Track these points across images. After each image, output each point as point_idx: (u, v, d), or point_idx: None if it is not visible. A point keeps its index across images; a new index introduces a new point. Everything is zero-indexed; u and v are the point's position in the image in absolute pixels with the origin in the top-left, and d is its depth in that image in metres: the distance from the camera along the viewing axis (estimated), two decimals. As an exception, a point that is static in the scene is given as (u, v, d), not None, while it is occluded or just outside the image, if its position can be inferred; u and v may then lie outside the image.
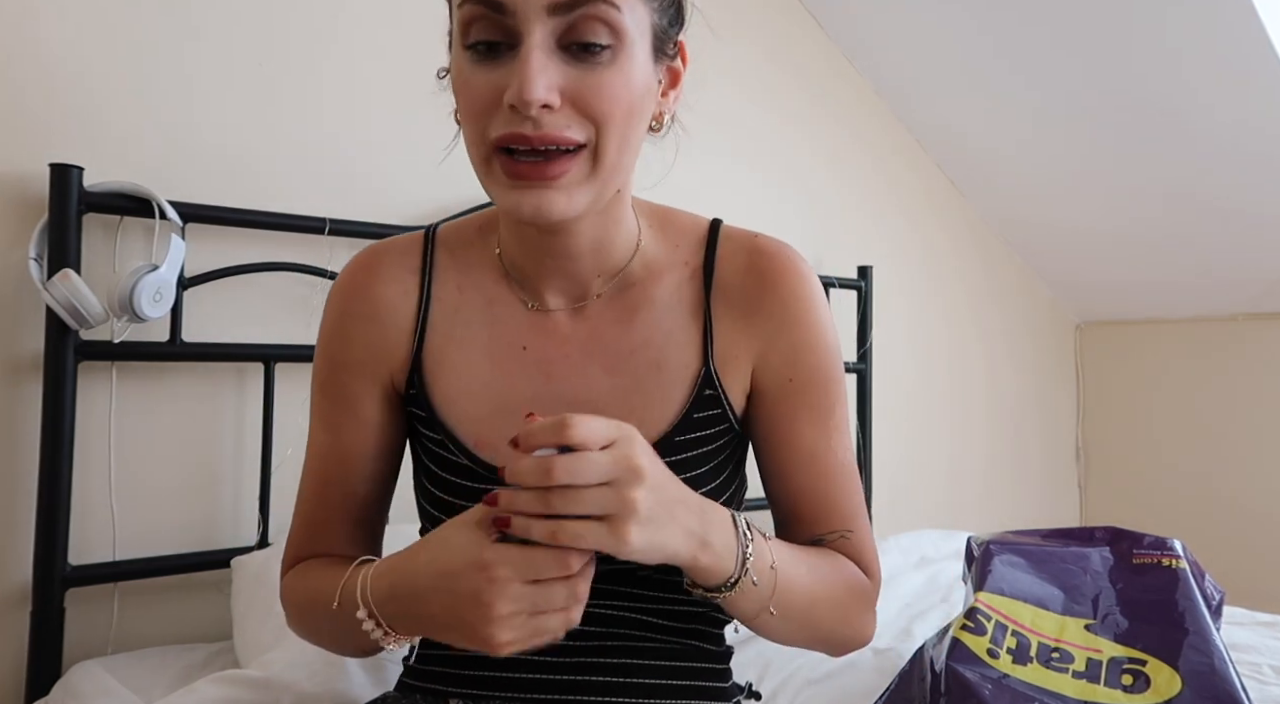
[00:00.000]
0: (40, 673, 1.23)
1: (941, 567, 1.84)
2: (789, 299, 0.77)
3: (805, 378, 0.77)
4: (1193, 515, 2.80)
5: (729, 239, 0.81)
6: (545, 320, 0.77)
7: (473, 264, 0.80)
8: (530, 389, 0.75)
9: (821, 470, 0.78)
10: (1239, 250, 2.53)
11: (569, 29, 0.64)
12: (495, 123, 0.65)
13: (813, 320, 0.78)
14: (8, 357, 1.28)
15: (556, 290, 0.77)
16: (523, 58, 0.63)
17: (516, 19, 0.63)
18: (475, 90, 0.66)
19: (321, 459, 0.81)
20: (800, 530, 0.79)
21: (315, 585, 0.75)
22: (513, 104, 0.63)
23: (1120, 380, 3.04)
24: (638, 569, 0.76)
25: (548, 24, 0.63)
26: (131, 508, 1.36)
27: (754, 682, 0.89)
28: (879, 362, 2.38)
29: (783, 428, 0.78)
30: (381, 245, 0.83)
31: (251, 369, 1.46)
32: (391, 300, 0.79)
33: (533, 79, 0.62)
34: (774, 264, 0.78)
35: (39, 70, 1.31)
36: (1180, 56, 2.08)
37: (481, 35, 0.65)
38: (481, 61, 0.65)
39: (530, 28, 0.63)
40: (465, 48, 0.66)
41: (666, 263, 0.79)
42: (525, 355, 0.77)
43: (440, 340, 0.78)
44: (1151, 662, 0.92)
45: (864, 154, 2.51)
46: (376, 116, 1.62)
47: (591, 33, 0.64)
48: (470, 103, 0.66)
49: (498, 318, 0.78)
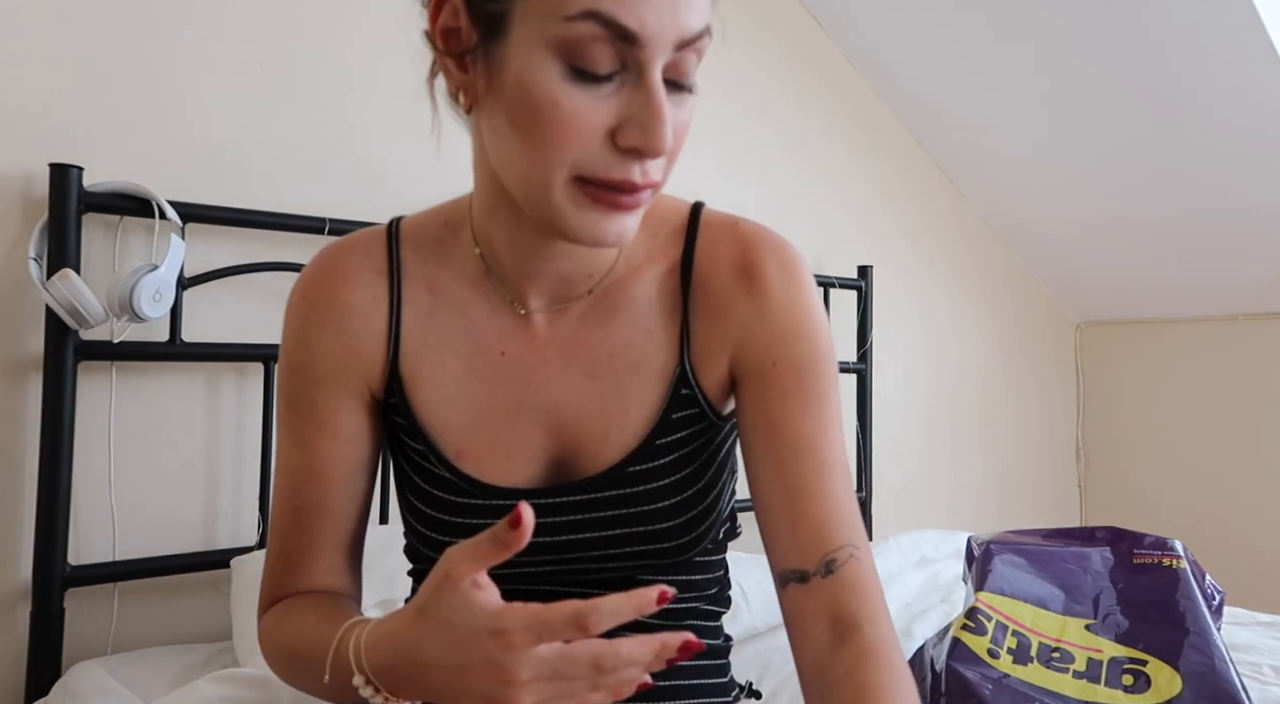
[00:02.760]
0: (40, 673, 1.23)
1: (941, 567, 1.84)
2: (769, 284, 0.73)
3: (791, 363, 0.72)
4: (1193, 515, 2.80)
5: (709, 226, 0.76)
6: (524, 324, 0.74)
7: (444, 264, 0.75)
8: (510, 396, 0.73)
9: (818, 463, 0.71)
10: (1239, 250, 2.53)
11: (672, 65, 0.60)
12: (589, 156, 0.59)
13: (796, 303, 0.73)
14: (8, 357, 1.28)
15: (542, 291, 0.73)
16: (652, 100, 0.58)
17: (645, 52, 0.57)
18: (574, 119, 0.58)
19: (294, 480, 0.75)
20: (798, 535, 0.69)
21: (299, 640, 0.69)
22: (639, 149, 0.59)
23: (1120, 380, 3.04)
24: (635, 575, 0.75)
25: (667, 59, 0.59)
26: (131, 508, 1.36)
27: (754, 681, 0.89)
28: (879, 362, 2.38)
29: (773, 416, 0.72)
30: (341, 246, 0.77)
31: (251, 369, 1.46)
32: (360, 306, 0.74)
33: (667, 128, 0.58)
34: (755, 251, 0.74)
35: (39, 70, 1.31)
36: (1181, 57, 2.08)
37: (595, 62, 0.58)
38: (585, 86, 0.58)
39: (655, 63, 0.58)
40: (563, 63, 0.58)
41: (645, 255, 0.75)
42: (504, 361, 0.73)
43: (415, 346, 0.74)
44: (1152, 662, 0.92)
45: (864, 154, 2.51)
46: (377, 116, 1.62)
47: (690, 69, 0.61)
48: (565, 130, 0.59)
49: (474, 322, 0.74)
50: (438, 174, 1.68)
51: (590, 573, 0.74)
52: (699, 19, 0.59)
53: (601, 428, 0.72)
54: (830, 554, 0.68)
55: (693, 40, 0.59)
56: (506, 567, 0.72)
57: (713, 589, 0.80)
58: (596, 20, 0.56)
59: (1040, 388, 3.01)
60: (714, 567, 0.80)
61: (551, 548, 0.72)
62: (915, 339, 2.62)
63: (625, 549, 0.72)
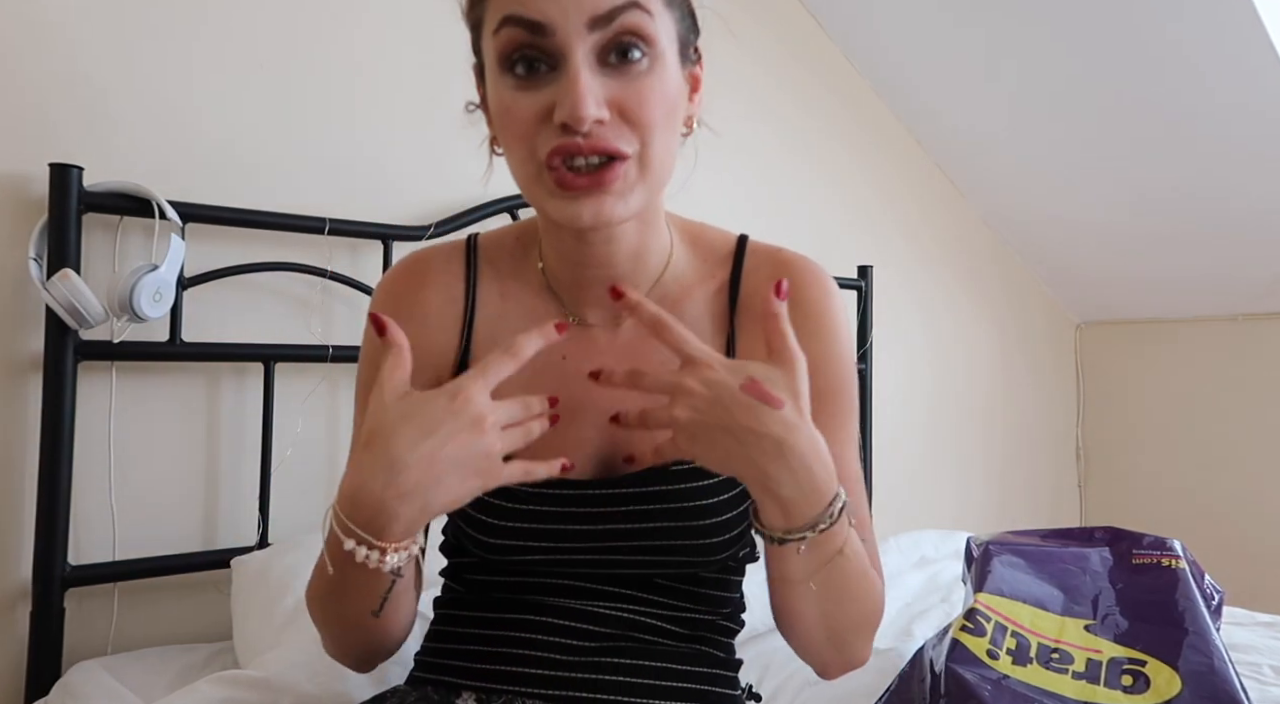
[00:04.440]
0: (40, 673, 1.23)
1: (941, 567, 1.84)
2: (810, 312, 0.79)
3: (823, 388, 0.77)
4: (1193, 515, 2.80)
5: (754, 254, 0.83)
6: (584, 333, 0.79)
7: (513, 275, 0.82)
8: (568, 397, 0.76)
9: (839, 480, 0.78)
10: (1239, 250, 2.53)
11: (607, 42, 0.66)
12: (543, 140, 0.66)
13: (832, 333, 0.80)
14: (8, 356, 1.28)
15: (595, 302, 0.79)
16: (571, 77, 0.65)
17: (558, 38, 0.65)
18: (521, 114, 0.67)
19: None
20: None
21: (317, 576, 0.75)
22: (565, 122, 0.64)
23: (1120, 380, 3.04)
24: (655, 576, 0.78)
25: (587, 40, 0.65)
26: (131, 508, 1.36)
27: (754, 683, 0.89)
28: (879, 362, 2.38)
29: None
30: (426, 252, 0.85)
31: (251, 369, 1.46)
32: (439, 304, 0.81)
33: (584, 96, 0.64)
34: (797, 278, 0.79)
35: (39, 70, 1.31)
36: (1182, 55, 2.08)
37: (523, 60, 0.66)
38: (523, 86, 0.67)
39: (572, 45, 0.65)
40: (505, 72, 0.67)
41: (696, 278, 0.82)
42: (565, 365, 0.78)
43: (485, 345, 0.80)
44: (1151, 662, 0.92)
45: (864, 154, 2.51)
46: (377, 116, 1.62)
47: (630, 43, 0.66)
48: (517, 127, 0.67)
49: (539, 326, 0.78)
50: (438, 174, 1.68)
51: (620, 567, 0.77)
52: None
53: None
54: None
55: (606, 17, 0.65)
56: (547, 552, 0.77)
57: (727, 607, 0.84)
58: (511, 23, 0.65)
59: (1040, 388, 3.01)
60: (730, 586, 0.84)
61: (594, 536, 0.76)
62: (915, 339, 2.62)
63: (661, 542, 0.76)
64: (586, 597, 0.78)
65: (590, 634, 0.77)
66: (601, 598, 0.78)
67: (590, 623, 0.77)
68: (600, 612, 0.78)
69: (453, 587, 0.85)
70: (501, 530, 0.76)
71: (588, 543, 0.76)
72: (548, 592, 0.78)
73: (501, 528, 0.76)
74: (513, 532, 0.76)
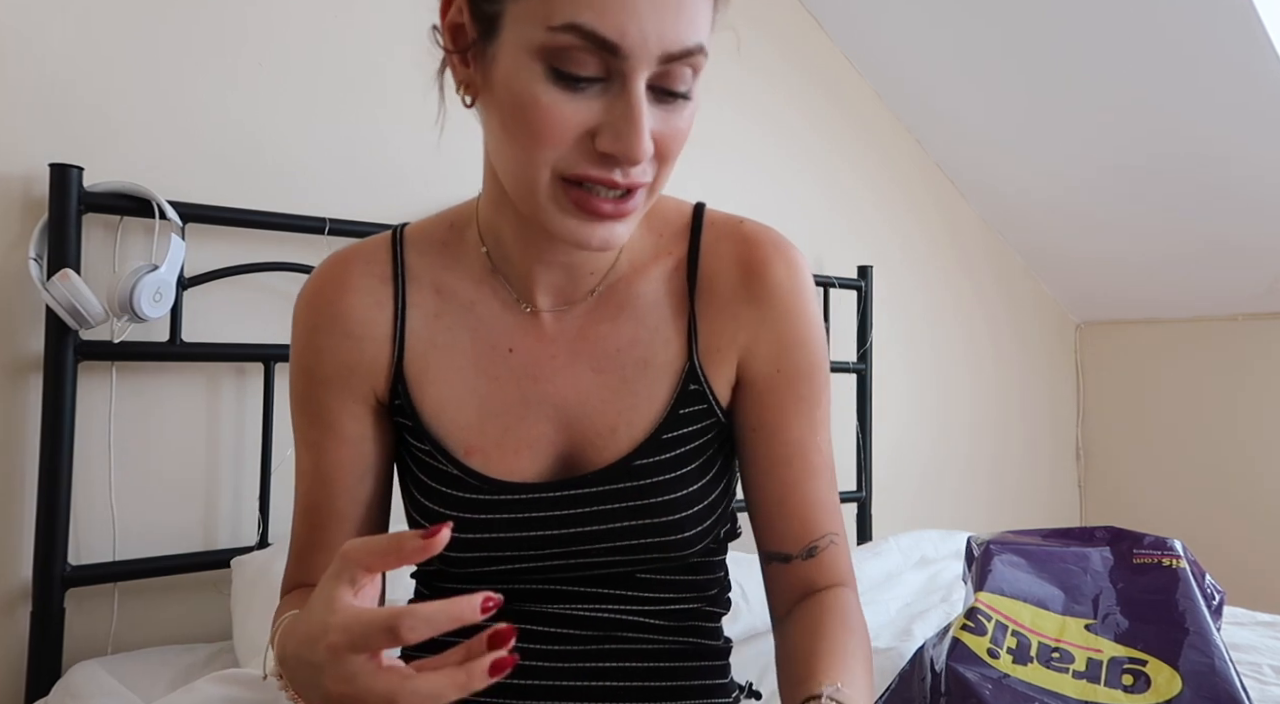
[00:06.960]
0: (40, 673, 1.23)
1: (941, 567, 1.84)
2: (776, 289, 0.75)
3: (793, 370, 0.75)
4: (1193, 515, 2.80)
5: (713, 226, 0.77)
6: (531, 321, 0.75)
7: (450, 266, 0.77)
8: (517, 392, 0.74)
9: (807, 464, 0.76)
10: (1239, 250, 2.53)
11: (664, 75, 0.61)
12: (574, 157, 0.61)
13: (800, 311, 0.75)
14: (8, 356, 1.28)
15: (548, 288, 0.74)
16: (632, 108, 0.59)
17: (628, 62, 0.58)
18: (555, 119, 0.60)
19: (305, 482, 0.78)
20: (784, 528, 0.76)
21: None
22: (613, 154, 0.60)
23: (1120, 380, 3.04)
24: (635, 572, 0.76)
25: (652, 70, 0.60)
26: (131, 508, 1.36)
27: (754, 681, 0.89)
28: (879, 362, 2.39)
29: (770, 421, 0.76)
30: (346, 254, 0.78)
31: (251, 369, 1.46)
32: (364, 312, 0.75)
33: (644, 137, 0.60)
34: (760, 253, 0.75)
35: (39, 70, 1.31)
36: (1181, 59, 2.08)
37: (577, 69, 0.59)
38: (566, 89, 0.59)
39: (639, 73, 0.59)
40: (544, 67, 0.59)
41: (651, 254, 0.77)
42: (511, 358, 0.74)
43: (422, 347, 0.75)
44: (1152, 662, 0.92)
45: (864, 154, 2.51)
46: (376, 116, 1.62)
47: (682, 80, 0.62)
48: (547, 133, 0.60)
49: (481, 321, 0.75)
50: (437, 173, 1.68)
51: (595, 568, 0.75)
52: (688, 36, 0.59)
53: (609, 423, 0.73)
54: (813, 542, 0.76)
55: (679, 57, 0.60)
56: (513, 562, 0.74)
57: (713, 590, 0.81)
58: (578, 33, 0.57)
59: (1040, 388, 3.01)
60: (714, 567, 0.81)
61: (559, 541, 0.73)
62: (915, 339, 2.61)
63: (632, 542, 0.73)
64: (567, 600, 0.75)
65: (574, 639, 0.74)
66: (583, 600, 0.75)
67: (573, 627, 0.75)
68: (582, 615, 0.75)
69: (423, 593, 0.82)
70: (460, 542, 0.72)
71: (556, 548, 0.73)
72: (525, 598, 0.75)
73: (460, 540, 0.72)
74: (473, 543, 0.72)
